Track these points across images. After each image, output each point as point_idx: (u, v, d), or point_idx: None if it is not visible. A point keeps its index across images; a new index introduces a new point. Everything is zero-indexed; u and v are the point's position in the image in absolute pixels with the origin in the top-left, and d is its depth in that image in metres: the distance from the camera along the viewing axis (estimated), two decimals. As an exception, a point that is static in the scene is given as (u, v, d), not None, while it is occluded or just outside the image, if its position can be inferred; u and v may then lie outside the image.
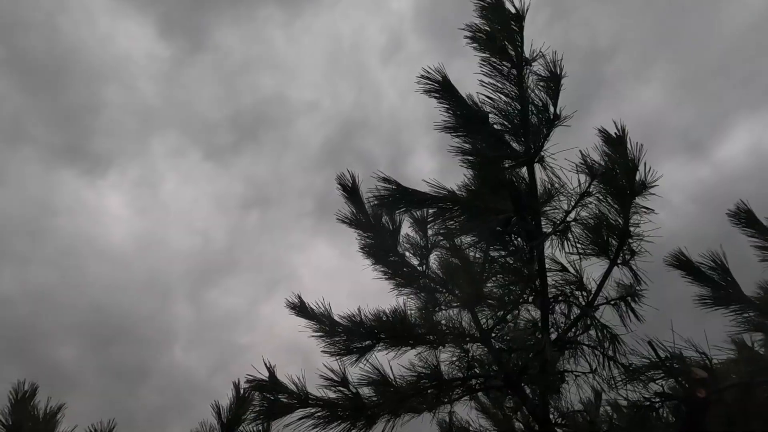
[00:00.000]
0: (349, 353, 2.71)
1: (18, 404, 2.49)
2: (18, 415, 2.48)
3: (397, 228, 2.83)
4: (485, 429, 3.02)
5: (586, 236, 2.50)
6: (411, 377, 2.65)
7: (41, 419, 2.48)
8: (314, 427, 2.32)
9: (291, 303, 2.83)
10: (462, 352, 2.76)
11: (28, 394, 2.52)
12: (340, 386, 2.46)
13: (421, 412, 2.75)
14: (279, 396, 2.44)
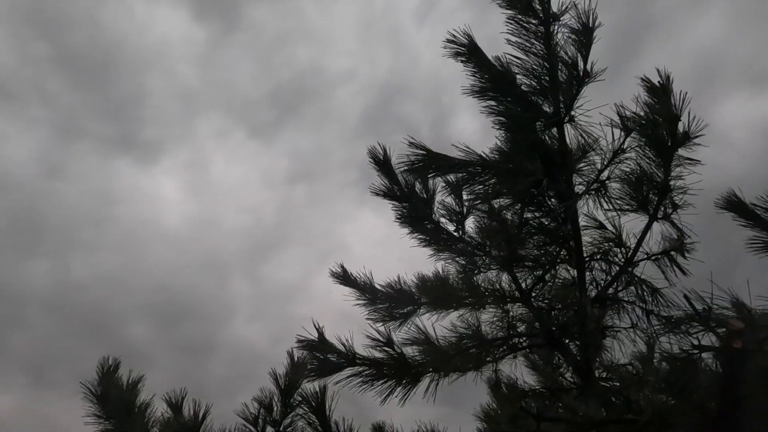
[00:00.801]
0: (392, 319, 2.84)
1: (104, 377, 2.80)
2: (105, 386, 2.79)
3: (431, 196, 2.87)
4: (532, 385, 3.10)
5: (625, 192, 2.46)
6: (453, 338, 2.76)
7: (125, 389, 2.79)
8: (362, 384, 2.47)
9: (334, 272, 2.97)
10: (502, 312, 2.82)
11: (112, 368, 2.83)
12: (385, 347, 2.58)
13: (466, 371, 2.85)
14: (328, 355, 2.60)
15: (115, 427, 2.78)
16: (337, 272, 2.94)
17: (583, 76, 2.00)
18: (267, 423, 2.85)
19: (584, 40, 2.19)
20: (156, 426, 2.85)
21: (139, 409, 2.82)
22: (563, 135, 2.10)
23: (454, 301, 2.88)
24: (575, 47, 2.21)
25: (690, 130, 2.44)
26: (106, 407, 2.78)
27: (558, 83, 2.00)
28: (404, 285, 2.83)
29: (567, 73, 2.02)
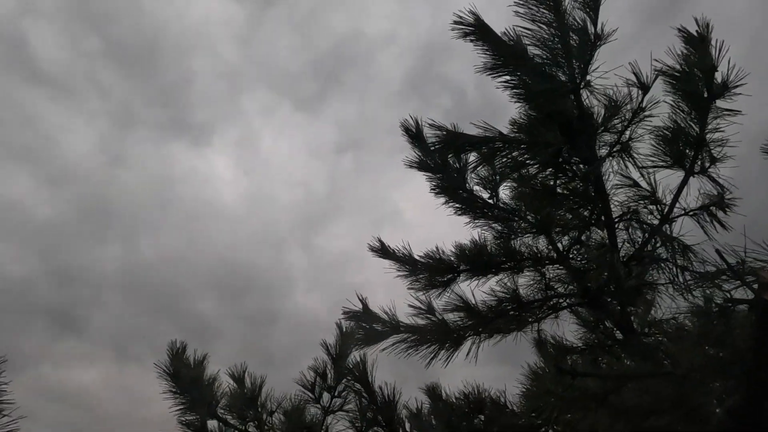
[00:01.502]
0: (432, 287, 2.95)
1: (174, 357, 3.09)
2: (176, 365, 3.08)
3: (464, 165, 2.92)
4: (574, 343, 3.17)
5: (657, 148, 2.43)
6: (492, 302, 2.85)
7: (193, 366, 3.06)
8: (407, 350, 2.62)
9: (373, 247, 3.09)
10: (540, 274, 2.88)
11: (180, 349, 3.10)
12: (427, 314, 2.71)
13: (508, 333, 2.96)
14: (373, 325, 2.76)
15: (188, 400, 3.07)
16: (376, 246, 3.06)
17: (595, 39, 1.98)
18: (323, 389, 3.07)
19: (592, 2, 2.14)
20: (223, 397, 3.12)
21: (207, 383, 3.09)
22: (580, 101, 2.09)
23: (492, 267, 2.96)
24: (584, 11, 2.17)
25: (729, 80, 2.36)
26: (178, 384, 3.07)
27: (570, 50, 1.99)
28: (443, 254, 2.92)
29: (578, 39, 2.00)
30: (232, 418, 3.02)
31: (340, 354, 3.02)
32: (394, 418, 2.77)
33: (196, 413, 2.96)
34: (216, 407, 3.02)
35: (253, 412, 2.94)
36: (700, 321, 1.92)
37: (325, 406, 3.03)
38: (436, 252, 2.99)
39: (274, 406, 3.03)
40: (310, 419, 3.00)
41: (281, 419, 3.02)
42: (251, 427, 3.01)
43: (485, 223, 3.05)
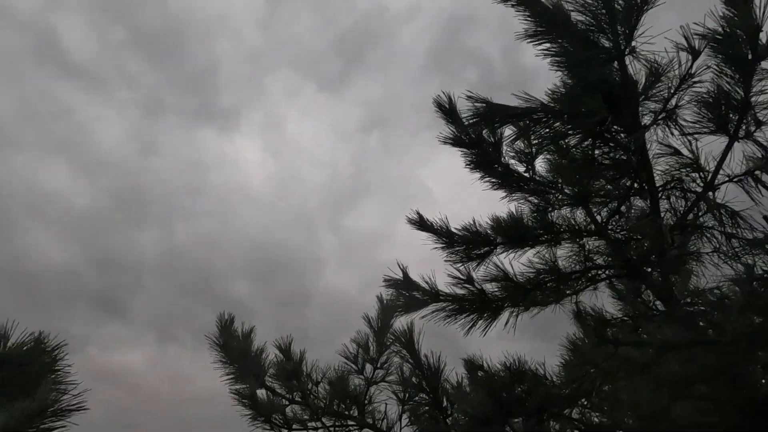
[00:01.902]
0: (469, 260, 2.98)
1: (223, 329, 3.25)
2: (225, 337, 3.24)
3: (499, 140, 2.92)
4: (614, 314, 3.16)
5: (700, 114, 2.37)
6: (530, 273, 2.87)
7: (241, 338, 3.22)
8: (446, 318, 2.68)
9: (411, 219, 3.14)
10: (579, 246, 2.88)
11: (228, 322, 3.26)
12: (466, 284, 2.76)
13: (546, 304, 2.98)
14: (413, 293, 2.83)
15: (237, 370, 3.23)
16: (414, 219, 3.10)
17: (642, 3, 1.92)
18: (365, 361, 3.18)
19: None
20: (271, 368, 3.27)
21: (255, 355, 3.25)
22: (624, 68, 2.05)
23: (529, 239, 2.97)
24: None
25: (775, 39, 2.27)
26: (228, 354, 3.24)
27: (615, 15, 1.95)
28: (480, 227, 2.95)
29: (624, 3, 1.95)
30: (280, 388, 3.17)
31: (381, 326, 3.11)
32: (439, 386, 2.85)
33: (246, 383, 3.12)
34: (264, 377, 3.18)
35: (299, 382, 3.08)
36: (745, 289, 1.89)
37: (368, 377, 3.14)
38: (473, 225, 3.01)
39: (319, 376, 3.16)
40: (353, 389, 3.11)
41: (326, 389, 3.15)
42: (297, 397, 3.15)
43: (521, 197, 3.05)
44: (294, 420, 3.03)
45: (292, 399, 3.13)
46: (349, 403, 3.06)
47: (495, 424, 2.77)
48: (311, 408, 3.00)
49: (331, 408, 3.01)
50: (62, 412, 2.21)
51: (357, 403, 3.06)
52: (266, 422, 3.01)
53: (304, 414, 3.03)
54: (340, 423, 3.02)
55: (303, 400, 3.05)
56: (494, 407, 2.68)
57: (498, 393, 2.71)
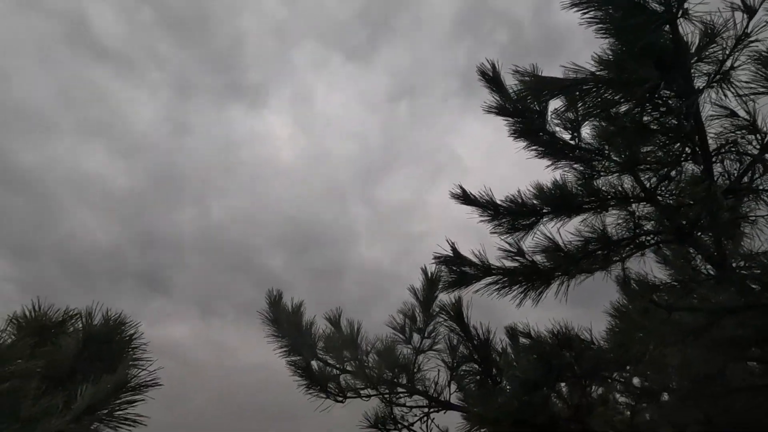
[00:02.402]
0: (515, 230, 3.00)
1: (273, 304, 3.37)
2: (275, 312, 3.36)
3: (544, 108, 2.89)
4: (662, 279, 3.15)
5: (757, 74, 2.30)
6: (579, 242, 2.88)
7: (291, 312, 3.34)
8: (498, 291, 2.73)
9: (454, 194, 3.16)
10: (627, 213, 2.86)
11: (277, 297, 3.38)
12: (516, 256, 2.79)
13: (593, 272, 2.99)
14: (463, 268, 2.87)
15: (289, 343, 3.37)
16: (457, 193, 3.13)
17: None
18: (412, 331, 3.26)
19: None
20: (321, 340, 3.40)
21: (306, 328, 3.37)
22: (677, 31, 1.99)
23: (575, 208, 2.96)
24: None
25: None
26: (279, 328, 3.37)
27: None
28: (525, 197, 2.95)
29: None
30: (331, 359, 3.29)
31: (427, 297, 3.18)
32: (489, 354, 2.92)
33: (299, 354, 3.25)
34: (315, 349, 3.30)
35: (351, 352, 3.19)
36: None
37: (416, 347, 3.23)
38: (518, 196, 3.02)
39: (369, 347, 3.27)
40: (402, 358, 3.21)
41: (375, 359, 3.26)
42: (349, 367, 3.27)
43: (567, 165, 3.03)
44: (348, 389, 3.16)
45: (343, 369, 3.25)
46: (399, 372, 3.16)
47: (544, 388, 2.84)
48: (363, 377, 3.11)
49: (381, 376, 3.12)
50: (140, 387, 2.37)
51: (406, 371, 3.16)
52: (322, 391, 3.15)
53: (356, 383, 3.15)
54: (391, 390, 3.13)
55: (355, 370, 3.17)
56: (544, 372, 2.74)
57: (547, 358, 2.76)
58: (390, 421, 3.08)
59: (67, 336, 2.75)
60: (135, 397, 2.35)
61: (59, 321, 2.90)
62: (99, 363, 2.59)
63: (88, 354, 2.68)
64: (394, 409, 3.12)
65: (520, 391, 2.80)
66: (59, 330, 2.88)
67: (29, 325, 2.90)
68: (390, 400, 3.11)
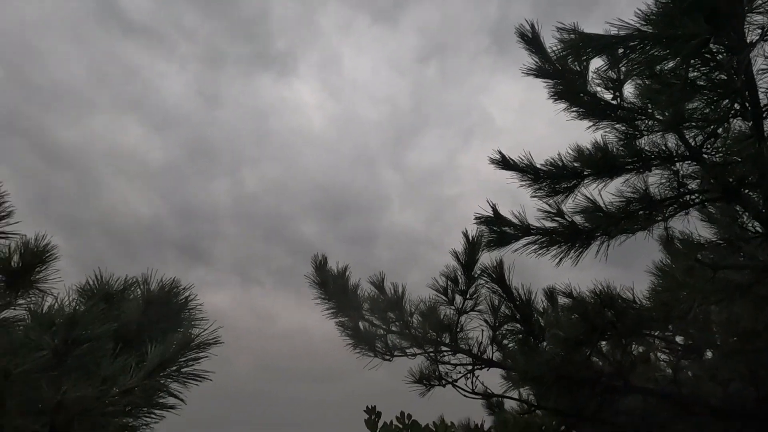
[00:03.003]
0: (556, 193, 3.02)
1: (319, 269, 3.52)
2: (321, 276, 3.51)
3: (585, 67, 2.85)
4: (707, 238, 3.12)
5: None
6: (620, 202, 2.88)
7: (337, 275, 3.48)
8: (537, 251, 2.78)
9: (493, 159, 3.18)
10: (671, 172, 2.83)
11: (322, 262, 3.52)
12: (556, 217, 2.83)
13: (634, 232, 2.99)
14: (503, 228, 2.93)
15: (336, 305, 3.53)
16: (497, 159, 3.15)
17: None
18: (455, 293, 3.36)
19: None
20: (366, 302, 3.54)
21: (352, 291, 3.51)
22: (729, -20, 1.92)
23: (617, 169, 2.95)
24: None
25: None
26: (326, 291, 3.52)
27: None
28: (565, 160, 2.96)
29: None
30: (377, 320, 3.44)
31: (468, 261, 3.26)
32: (531, 314, 3.00)
33: (346, 315, 3.41)
34: (362, 310, 3.45)
35: (397, 313, 3.33)
36: None
37: (458, 308, 3.34)
38: (558, 159, 3.02)
39: (412, 308, 3.39)
40: (445, 319, 3.33)
41: (419, 320, 3.39)
42: (394, 327, 3.41)
43: (608, 125, 3.00)
44: (394, 348, 3.31)
45: (389, 329, 3.39)
46: (442, 331, 3.28)
47: (587, 346, 2.91)
48: (409, 337, 3.25)
49: (426, 336, 3.25)
50: (203, 345, 2.57)
51: (449, 331, 3.28)
52: (370, 350, 3.31)
53: (402, 342, 3.30)
54: (435, 349, 3.27)
55: (400, 330, 3.31)
56: (585, 330, 2.81)
57: (588, 317, 2.82)
58: (435, 377, 3.23)
59: (129, 301, 2.98)
60: (199, 354, 2.55)
61: (120, 288, 3.13)
62: (160, 324, 2.81)
63: (150, 316, 2.90)
64: (439, 366, 3.26)
65: (562, 349, 2.88)
66: (121, 296, 3.11)
67: (94, 293, 3.15)
68: (435, 359, 3.25)
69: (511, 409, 3.72)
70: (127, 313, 2.82)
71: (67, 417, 2.14)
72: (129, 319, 2.81)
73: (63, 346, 2.27)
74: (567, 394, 2.88)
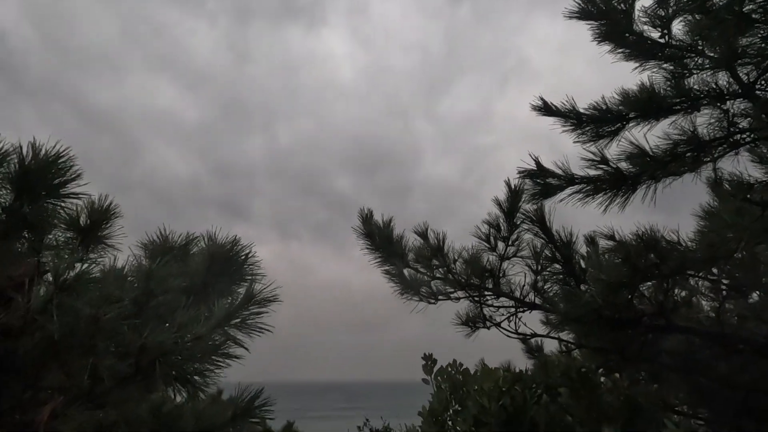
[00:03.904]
0: (599, 138, 3.00)
1: (365, 221, 3.67)
2: (368, 228, 3.66)
3: (631, 5, 2.76)
4: (758, 178, 3.05)
5: None
6: (666, 145, 2.84)
7: (382, 227, 3.62)
8: (582, 199, 2.82)
9: (535, 106, 3.16)
10: (721, 111, 2.76)
11: (369, 215, 3.66)
12: (600, 164, 2.83)
13: (681, 174, 2.96)
14: (547, 180, 2.96)
15: (383, 254, 3.69)
16: (538, 105, 3.13)
17: None
18: (497, 240, 3.45)
19: None
20: (411, 251, 3.68)
21: (396, 241, 3.66)
22: None
23: (664, 110, 2.89)
24: None
25: None
26: (373, 242, 3.68)
27: None
28: (609, 104, 2.91)
29: None
30: (422, 267, 3.58)
31: (510, 209, 3.32)
32: (572, 256, 3.07)
33: (392, 264, 3.57)
34: (407, 259, 3.60)
35: (440, 260, 3.46)
36: None
37: (501, 254, 3.43)
38: (602, 102, 2.98)
39: (456, 255, 3.51)
40: (488, 264, 3.44)
41: (463, 266, 3.51)
42: (438, 274, 3.56)
43: (655, 65, 2.92)
44: (438, 292, 3.46)
45: (433, 276, 3.54)
46: (486, 276, 3.40)
47: (629, 289, 2.97)
48: (452, 282, 3.39)
49: (469, 281, 3.38)
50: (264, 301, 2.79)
51: (492, 276, 3.40)
52: (415, 294, 3.48)
53: (446, 287, 3.44)
54: (479, 293, 3.40)
55: (444, 276, 3.45)
56: (628, 273, 2.86)
57: (631, 259, 2.87)
58: (480, 319, 3.38)
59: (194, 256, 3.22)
60: (261, 309, 2.78)
61: (183, 244, 3.38)
62: (224, 279, 3.05)
63: (214, 271, 3.14)
64: (484, 309, 3.40)
65: (604, 292, 2.95)
66: (184, 252, 3.36)
67: (158, 249, 3.41)
68: (479, 302, 3.39)
69: (550, 353, 3.86)
70: (194, 268, 3.06)
71: (149, 359, 2.40)
72: (196, 273, 3.05)
73: (142, 298, 2.52)
74: (609, 333, 2.98)
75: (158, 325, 2.45)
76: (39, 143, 2.76)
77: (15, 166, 2.72)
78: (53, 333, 2.30)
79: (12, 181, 2.74)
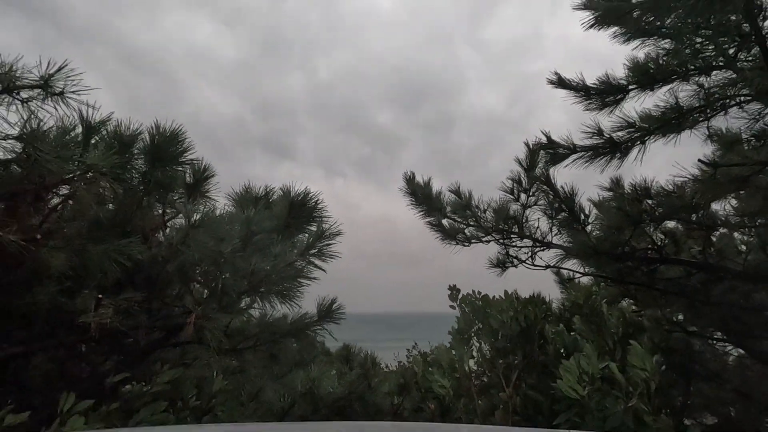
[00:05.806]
0: (605, 106, 3.61)
1: (409, 182, 4.46)
2: (411, 186, 4.45)
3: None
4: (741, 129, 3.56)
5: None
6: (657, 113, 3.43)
7: (423, 186, 4.40)
8: (584, 163, 3.48)
9: (551, 80, 3.78)
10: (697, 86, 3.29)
11: (411, 176, 4.45)
12: (595, 135, 3.48)
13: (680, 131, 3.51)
14: (557, 150, 3.64)
15: (425, 208, 4.48)
16: (553, 79, 3.75)
17: None
18: (519, 192, 4.17)
19: None
20: (449, 206, 4.46)
21: (436, 196, 4.44)
22: None
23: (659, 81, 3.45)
24: None
25: None
26: (416, 199, 4.48)
27: None
28: (612, 79, 3.51)
29: None
30: (458, 218, 4.37)
31: (530, 165, 4.02)
32: (574, 205, 3.77)
33: (433, 216, 4.37)
34: (444, 211, 4.39)
35: (471, 211, 4.23)
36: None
37: (523, 203, 4.15)
38: (607, 77, 3.58)
39: (485, 206, 4.27)
40: (513, 213, 4.17)
41: (492, 216, 4.26)
42: (471, 222, 4.33)
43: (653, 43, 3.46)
44: (472, 237, 4.25)
45: (467, 224, 4.32)
46: (512, 223, 4.15)
47: (626, 231, 3.64)
48: (483, 228, 4.16)
49: (497, 227, 4.13)
50: (331, 235, 3.72)
51: (517, 222, 4.13)
52: (452, 239, 4.28)
53: (479, 233, 4.22)
54: (506, 237, 4.16)
55: (476, 223, 4.22)
56: (624, 218, 3.53)
57: (627, 206, 3.53)
58: (508, 260, 4.15)
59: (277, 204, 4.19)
60: (330, 242, 3.71)
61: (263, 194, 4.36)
62: (301, 220, 3.98)
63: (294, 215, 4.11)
64: (509, 250, 4.17)
65: (604, 233, 3.65)
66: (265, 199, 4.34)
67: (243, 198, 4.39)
68: (505, 244, 4.15)
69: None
70: (278, 213, 4.02)
71: (258, 279, 3.37)
72: (280, 217, 4.01)
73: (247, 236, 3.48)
74: (610, 264, 3.68)
75: (260, 256, 3.41)
76: (162, 125, 3.75)
77: (146, 142, 3.74)
78: (193, 259, 3.31)
79: (146, 153, 3.76)
